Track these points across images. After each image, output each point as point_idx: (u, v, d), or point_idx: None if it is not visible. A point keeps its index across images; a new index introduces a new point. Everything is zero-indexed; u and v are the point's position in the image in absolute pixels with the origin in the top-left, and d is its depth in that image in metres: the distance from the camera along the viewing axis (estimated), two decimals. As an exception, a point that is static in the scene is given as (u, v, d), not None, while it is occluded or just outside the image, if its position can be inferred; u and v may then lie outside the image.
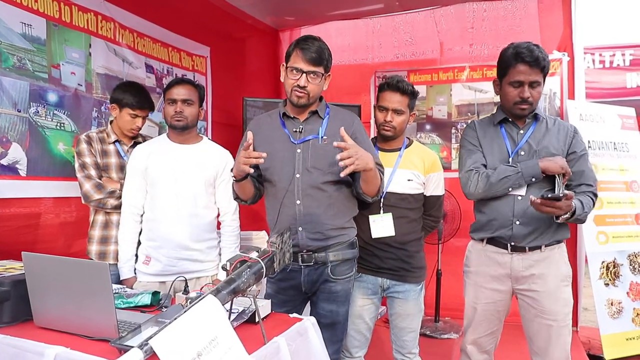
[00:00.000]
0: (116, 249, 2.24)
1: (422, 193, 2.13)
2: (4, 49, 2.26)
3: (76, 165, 2.28)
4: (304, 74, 1.79)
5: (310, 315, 1.89)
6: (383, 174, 1.90)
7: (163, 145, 2.20)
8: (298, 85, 1.79)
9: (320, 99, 1.96)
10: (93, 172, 2.26)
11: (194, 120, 2.18)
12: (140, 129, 2.41)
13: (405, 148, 2.15)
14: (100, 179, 2.28)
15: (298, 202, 1.83)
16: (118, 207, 2.24)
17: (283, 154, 1.85)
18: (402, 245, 2.09)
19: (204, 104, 3.21)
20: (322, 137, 1.85)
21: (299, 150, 1.85)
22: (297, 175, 1.83)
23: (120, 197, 2.24)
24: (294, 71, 1.80)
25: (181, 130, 2.17)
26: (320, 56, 1.80)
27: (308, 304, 2.01)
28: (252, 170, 1.71)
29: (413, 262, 2.11)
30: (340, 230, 1.87)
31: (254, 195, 1.95)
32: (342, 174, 1.65)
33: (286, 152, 1.84)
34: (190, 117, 2.16)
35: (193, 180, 2.14)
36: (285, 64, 1.86)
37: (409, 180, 2.07)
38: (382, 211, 2.07)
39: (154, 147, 2.20)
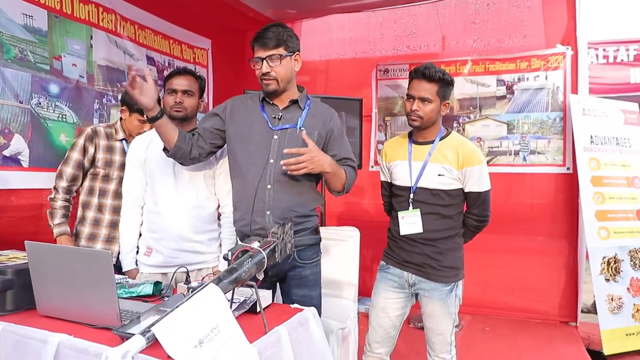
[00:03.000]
0: (103, 248, 2.25)
1: (461, 189, 2.01)
2: (5, 40, 2.26)
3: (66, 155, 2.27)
4: (263, 61, 1.82)
5: (284, 303, 1.90)
6: (355, 169, 1.98)
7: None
8: (262, 73, 1.83)
9: (301, 89, 1.97)
10: (69, 170, 2.24)
11: (193, 112, 2.18)
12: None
13: (440, 140, 2.02)
14: (76, 178, 2.26)
15: (269, 186, 1.84)
16: (64, 204, 2.24)
17: (259, 137, 1.86)
18: (431, 242, 2.00)
19: (205, 95, 3.20)
20: (300, 127, 1.88)
21: (275, 137, 1.87)
22: (271, 161, 1.85)
23: (73, 179, 2.25)
24: (256, 62, 1.85)
25: (180, 121, 2.16)
26: (277, 38, 1.82)
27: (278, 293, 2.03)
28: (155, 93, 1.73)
29: (442, 260, 2.00)
30: (305, 217, 1.90)
31: (179, 146, 1.85)
32: (290, 173, 1.75)
33: (262, 136, 1.85)
34: (190, 108, 2.16)
35: (193, 172, 2.14)
36: None
37: (439, 175, 1.97)
38: (411, 207, 2.01)
39: (152, 138, 2.18)
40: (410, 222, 2.01)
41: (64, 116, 2.55)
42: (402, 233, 2.03)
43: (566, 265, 3.71)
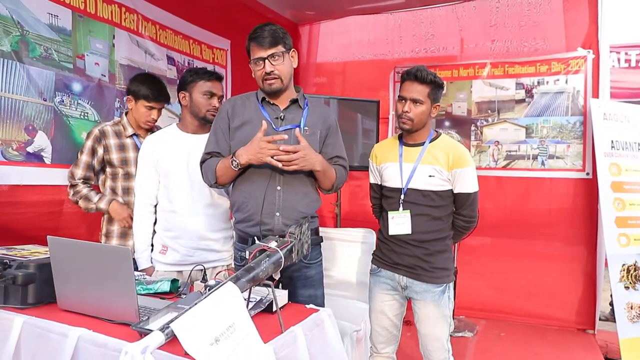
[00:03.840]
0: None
1: (450, 190, 2.03)
2: (31, 39, 2.31)
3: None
4: (266, 60, 1.81)
5: None
6: (346, 169, 1.98)
7: (174, 136, 2.20)
8: (265, 73, 1.81)
9: (298, 89, 1.97)
10: (79, 172, 2.29)
11: None
12: (156, 120, 2.41)
13: (430, 142, 2.05)
14: (89, 178, 2.32)
15: (279, 188, 1.84)
16: (89, 188, 2.31)
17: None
18: (421, 244, 2.01)
19: (224, 96, 3.23)
20: (304, 127, 1.88)
21: None
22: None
23: (85, 179, 2.31)
24: (257, 62, 1.83)
25: (207, 123, 2.19)
26: (274, 36, 1.80)
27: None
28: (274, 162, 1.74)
29: (433, 262, 2.01)
30: (310, 219, 1.88)
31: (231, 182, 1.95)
32: (286, 168, 1.74)
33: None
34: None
35: None
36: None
37: (430, 176, 1.99)
38: (401, 208, 2.03)
39: (165, 138, 2.21)
40: (400, 222, 2.02)
41: (86, 114, 2.60)
42: (390, 233, 2.04)
43: (584, 272, 3.65)
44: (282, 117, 1.88)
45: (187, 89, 2.18)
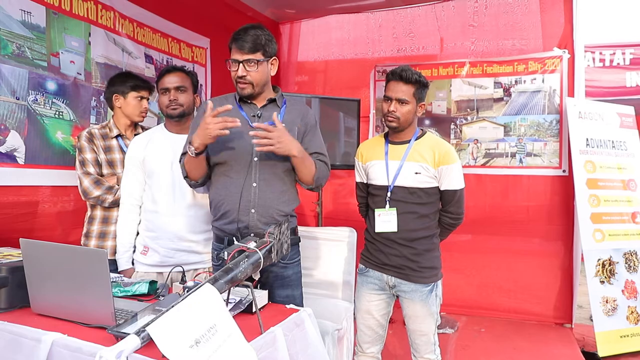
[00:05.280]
0: (114, 245, 2.22)
1: (436, 187, 2.04)
2: (3, 36, 2.25)
3: (77, 162, 2.29)
4: (241, 64, 1.80)
5: None
6: (327, 165, 1.96)
7: (160, 136, 2.19)
8: (238, 76, 1.81)
9: (277, 90, 1.97)
10: (92, 170, 2.26)
11: (189, 107, 2.18)
12: (147, 110, 2.42)
13: (416, 140, 2.07)
14: (101, 176, 2.28)
15: (254, 184, 1.84)
16: (116, 204, 2.24)
17: (241, 136, 1.83)
18: (409, 243, 2.02)
19: (203, 95, 3.21)
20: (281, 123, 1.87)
21: None
22: (255, 159, 1.84)
23: (117, 193, 2.25)
24: (232, 63, 1.83)
25: (178, 119, 2.16)
26: (255, 42, 1.80)
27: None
28: (226, 132, 1.71)
29: (421, 262, 2.02)
30: (287, 217, 1.88)
31: (205, 175, 1.91)
32: (257, 149, 1.75)
33: (244, 135, 1.82)
34: (186, 104, 2.16)
35: None
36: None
37: (416, 173, 2.00)
38: (387, 205, 2.03)
39: (151, 137, 2.19)
40: (386, 220, 2.03)
41: (60, 113, 2.54)
42: (376, 230, 2.05)
43: (561, 267, 3.72)
44: (259, 115, 1.88)
45: (157, 92, 2.20)
